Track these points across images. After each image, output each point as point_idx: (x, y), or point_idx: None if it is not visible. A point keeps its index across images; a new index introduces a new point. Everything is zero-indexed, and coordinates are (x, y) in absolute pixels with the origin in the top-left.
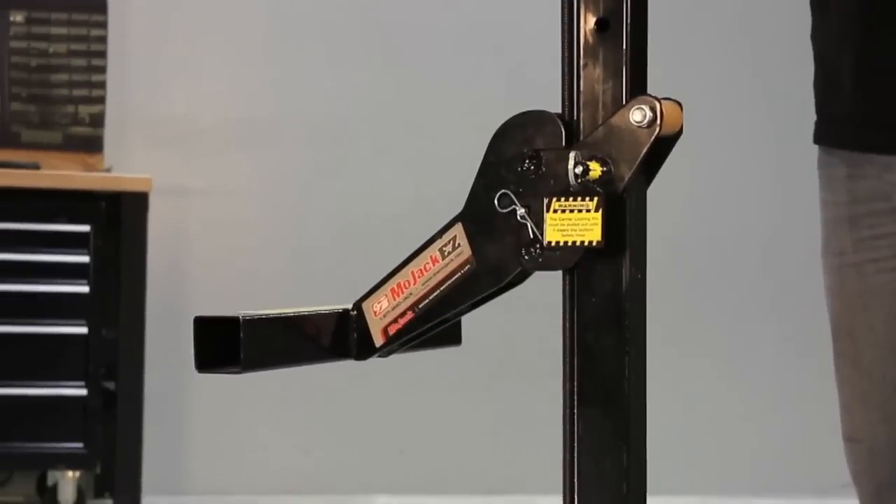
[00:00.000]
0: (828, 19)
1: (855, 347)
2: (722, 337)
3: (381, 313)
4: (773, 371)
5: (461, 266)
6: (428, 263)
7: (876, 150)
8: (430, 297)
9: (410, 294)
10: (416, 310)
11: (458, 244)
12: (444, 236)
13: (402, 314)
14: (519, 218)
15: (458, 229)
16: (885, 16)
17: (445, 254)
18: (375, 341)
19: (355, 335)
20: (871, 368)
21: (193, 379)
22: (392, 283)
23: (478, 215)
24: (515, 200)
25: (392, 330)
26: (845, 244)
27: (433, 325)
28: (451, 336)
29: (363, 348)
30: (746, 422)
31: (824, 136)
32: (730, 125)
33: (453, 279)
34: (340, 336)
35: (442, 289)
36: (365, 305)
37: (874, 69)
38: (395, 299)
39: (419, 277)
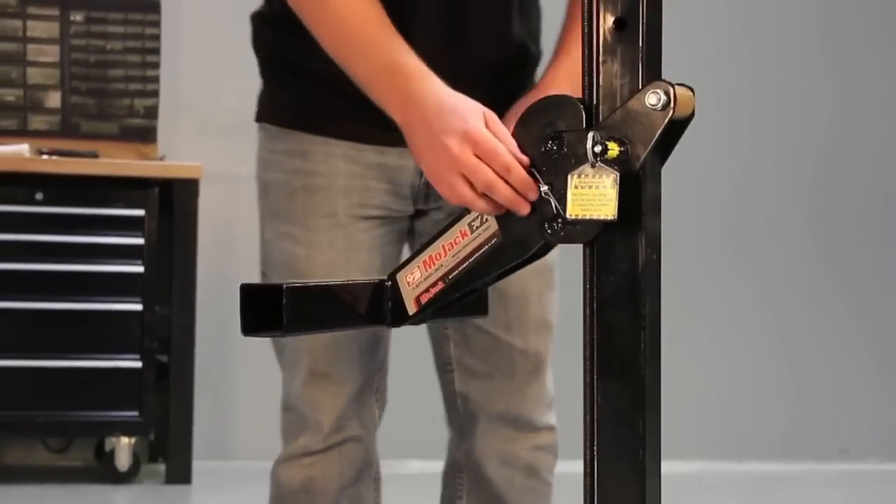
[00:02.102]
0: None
1: None
2: (721, 315)
3: (414, 284)
4: (774, 347)
5: (488, 239)
6: (458, 237)
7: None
8: (460, 269)
9: (441, 266)
10: (447, 280)
11: (486, 219)
12: (472, 212)
13: (434, 284)
14: (542, 194)
15: None
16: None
17: (474, 228)
18: (409, 309)
19: (390, 304)
20: None
21: (240, 352)
22: (424, 256)
23: None
24: (539, 178)
25: (424, 299)
26: (337, 208)
27: (462, 294)
28: (478, 307)
29: (397, 316)
30: (749, 393)
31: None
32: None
33: (481, 252)
34: (376, 304)
35: (470, 261)
36: (399, 276)
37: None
38: (426, 270)
39: (449, 250)
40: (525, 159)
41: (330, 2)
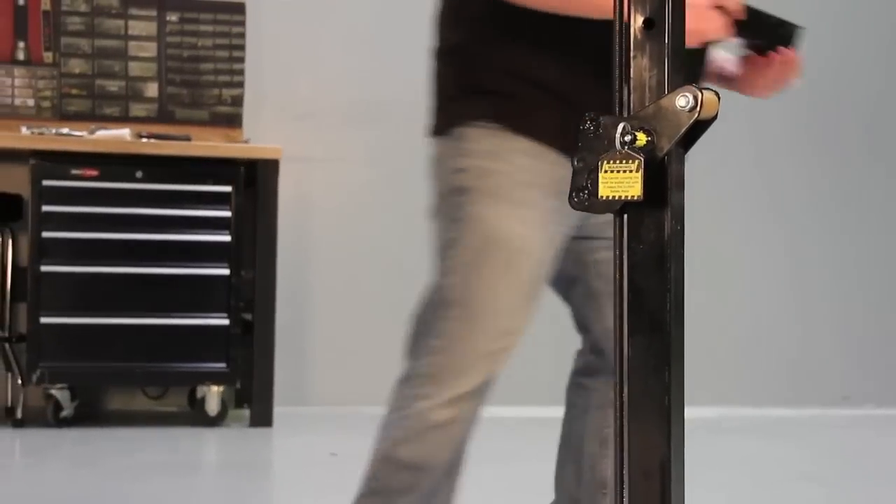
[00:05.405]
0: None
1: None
2: (729, 268)
3: None
4: (787, 307)
5: None
6: None
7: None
8: None
9: None
10: None
11: None
12: None
13: None
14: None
15: None
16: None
17: None
18: None
19: None
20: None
21: (316, 311)
22: None
23: None
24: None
25: None
26: (548, 204)
27: None
28: None
29: None
30: (764, 347)
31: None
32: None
33: None
34: None
35: None
36: None
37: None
38: None
39: None
40: None
41: None
